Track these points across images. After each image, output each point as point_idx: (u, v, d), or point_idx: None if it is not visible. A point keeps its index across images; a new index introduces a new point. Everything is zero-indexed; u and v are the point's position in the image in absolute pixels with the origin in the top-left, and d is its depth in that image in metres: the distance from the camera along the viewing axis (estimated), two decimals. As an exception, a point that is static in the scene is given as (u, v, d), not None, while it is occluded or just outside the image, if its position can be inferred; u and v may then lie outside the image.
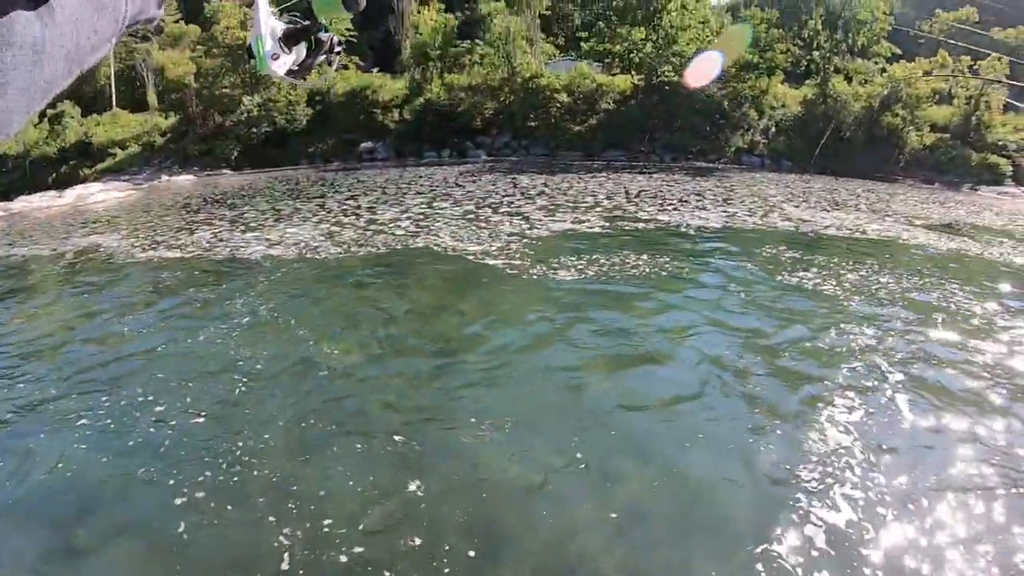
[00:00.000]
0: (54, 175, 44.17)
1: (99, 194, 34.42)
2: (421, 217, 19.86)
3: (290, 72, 1.66)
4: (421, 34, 44.97)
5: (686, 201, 22.66)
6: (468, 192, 25.54)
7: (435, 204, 22.46)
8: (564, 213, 19.88)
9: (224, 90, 43.70)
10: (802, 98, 41.08)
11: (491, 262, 13.83)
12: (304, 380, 8.17)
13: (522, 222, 18.37)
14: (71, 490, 6.05)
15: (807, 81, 42.25)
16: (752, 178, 31.72)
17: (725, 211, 20.84)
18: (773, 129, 40.32)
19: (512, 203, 22.09)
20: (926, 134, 37.39)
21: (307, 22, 1.63)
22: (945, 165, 35.67)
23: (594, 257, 13.82)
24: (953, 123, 37.55)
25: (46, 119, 47.99)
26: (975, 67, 38.65)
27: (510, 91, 42.81)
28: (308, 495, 5.66)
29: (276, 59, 1.56)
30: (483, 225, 18.10)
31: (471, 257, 14.33)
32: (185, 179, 39.72)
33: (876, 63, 42.45)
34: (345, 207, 22.72)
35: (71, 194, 34.26)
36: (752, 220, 19.43)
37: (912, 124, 37.45)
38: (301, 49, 1.66)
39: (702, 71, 38.12)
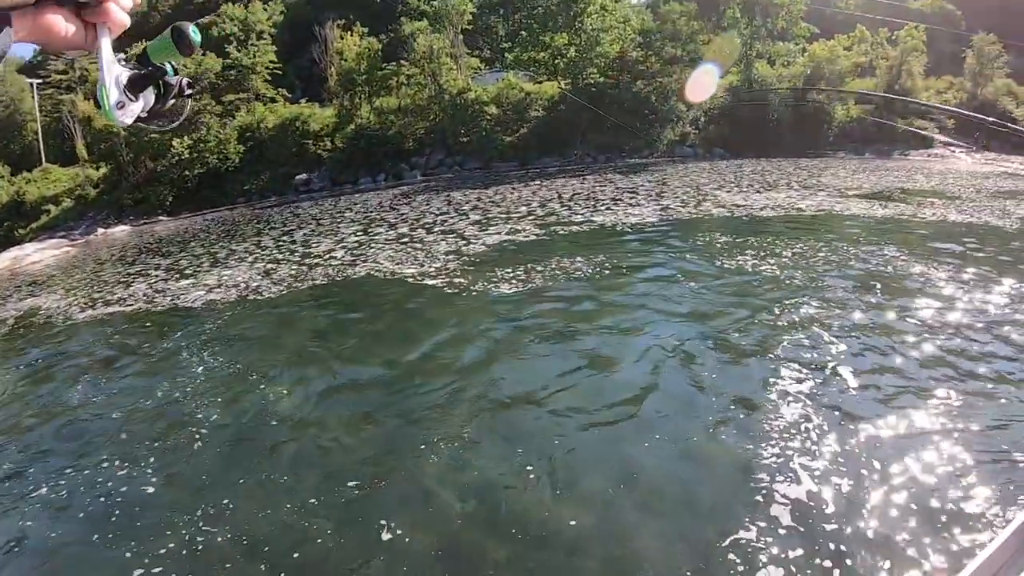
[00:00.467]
0: (-12, 238, 43.17)
1: (35, 254, 33.87)
2: (356, 245, 19.72)
3: (140, 119, 1.58)
4: (346, 60, 44.78)
5: (619, 200, 22.75)
6: (402, 215, 25.45)
7: (370, 231, 22.32)
8: (498, 225, 19.86)
9: (153, 135, 43.14)
10: (728, 86, 41.58)
11: (430, 283, 13.72)
12: (258, 429, 7.95)
13: (458, 239, 18.28)
14: (31, 564, 5.88)
15: (731, 68, 42.75)
16: (685, 169, 32.01)
17: (659, 204, 20.94)
18: (703, 119, 40.71)
19: (446, 221, 22.03)
20: (852, 107, 38.01)
21: (150, 68, 1.55)
22: (873, 135, 36.29)
23: (532, 266, 13.75)
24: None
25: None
26: (893, 37, 39.52)
27: (439, 109, 42.79)
28: (275, 550, 5.48)
29: (122, 107, 1.48)
30: (419, 247, 17.98)
31: (410, 280, 14.21)
32: (121, 230, 39.19)
33: (797, 44, 43.16)
34: (280, 243, 22.53)
35: (6, 257, 33.69)
36: (686, 211, 19.53)
37: (837, 99, 38.05)
38: (149, 95, 1.58)
39: (701, 86, 38.43)
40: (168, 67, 1.59)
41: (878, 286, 10.55)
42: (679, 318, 10.05)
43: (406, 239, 19.60)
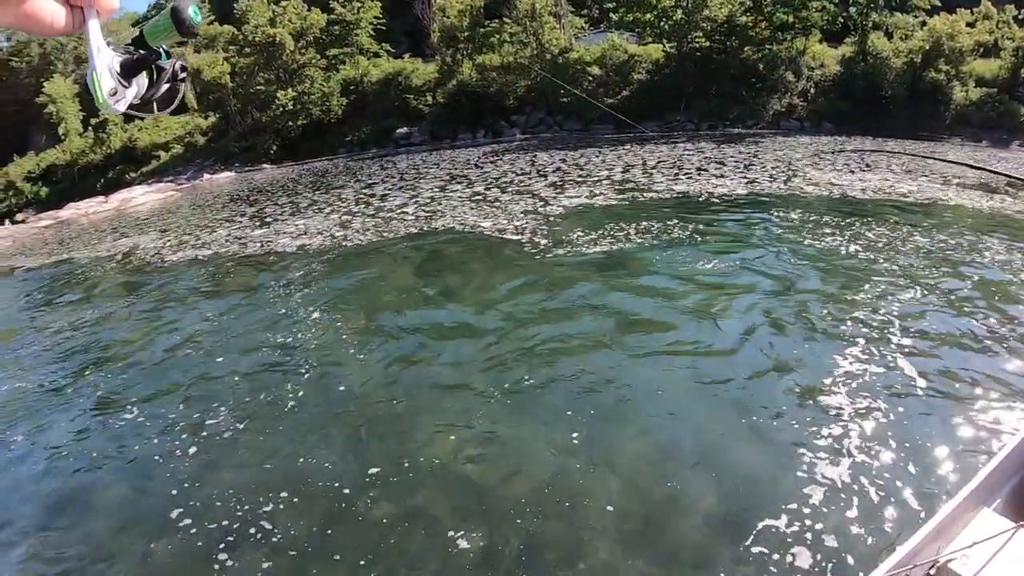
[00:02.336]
0: (101, 181, 45.55)
1: (141, 197, 35.57)
2: (428, 201, 20.04)
3: (133, 107, 1.50)
4: (448, 17, 44.79)
5: (704, 170, 22.13)
6: (484, 173, 25.56)
7: (448, 188, 22.57)
8: (577, 188, 19.75)
9: (259, 87, 44.47)
10: (840, 57, 39.80)
11: (510, 237, 14.17)
12: (336, 378, 8.22)
13: (535, 200, 18.31)
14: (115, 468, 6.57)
15: (845, 39, 40.89)
16: (784, 142, 30.68)
17: (745, 178, 20.24)
18: (812, 91, 39.11)
19: (524, 182, 22.04)
20: (971, 89, 35.81)
21: (143, 51, 1.46)
22: (993, 121, 34.11)
23: (604, 231, 13.77)
24: (1000, 76, 35.95)
25: (91, 128, 49.43)
26: (1020, 16, 37.04)
27: (540, 68, 42.37)
28: (331, 497, 5.74)
29: (115, 95, 1.40)
30: (495, 205, 18.16)
31: (488, 236, 14.59)
32: (225, 176, 40.62)
33: (916, 16, 40.88)
34: (360, 196, 23.17)
35: (115, 199, 35.59)
36: (774, 186, 18.81)
37: (956, 79, 35.95)
38: (142, 80, 1.49)
39: None
40: (162, 50, 1.52)
41: (974, 278, 10.07)
42: (747, 290, 10.07)
43: (479, 197, 19.80)
